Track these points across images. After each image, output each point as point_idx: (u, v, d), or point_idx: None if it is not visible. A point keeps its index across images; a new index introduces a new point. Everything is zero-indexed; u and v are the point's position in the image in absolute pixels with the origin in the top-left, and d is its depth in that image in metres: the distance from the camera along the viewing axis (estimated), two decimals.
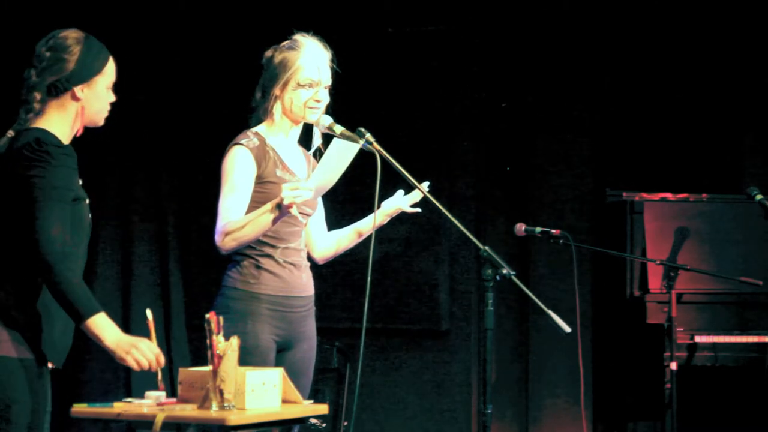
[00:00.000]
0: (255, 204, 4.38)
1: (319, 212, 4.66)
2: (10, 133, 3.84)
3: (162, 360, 3.77)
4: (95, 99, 3.86)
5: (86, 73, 3.83)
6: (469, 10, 7.12)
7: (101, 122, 3.93)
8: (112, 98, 3.93)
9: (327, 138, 4.51)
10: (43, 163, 3.68)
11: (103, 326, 3.68)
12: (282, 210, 4.22)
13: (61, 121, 3.84)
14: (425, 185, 4.43)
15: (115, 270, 7.24)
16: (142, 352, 3.72)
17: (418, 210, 4.59)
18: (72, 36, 3.86)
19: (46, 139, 3.73)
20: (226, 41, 7.10)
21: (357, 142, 4.28)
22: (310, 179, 4.27)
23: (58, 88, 3.81)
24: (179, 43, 7.26)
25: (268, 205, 4.27)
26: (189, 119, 7.30)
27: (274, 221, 4.27)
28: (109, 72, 3.90)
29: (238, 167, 4.39)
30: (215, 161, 4.50)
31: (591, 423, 6.88)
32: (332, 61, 4.53)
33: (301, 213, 4.35)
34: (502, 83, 7.17)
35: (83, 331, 3.69)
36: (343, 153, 4.23)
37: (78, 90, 3.83)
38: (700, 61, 7.06)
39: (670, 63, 7.09)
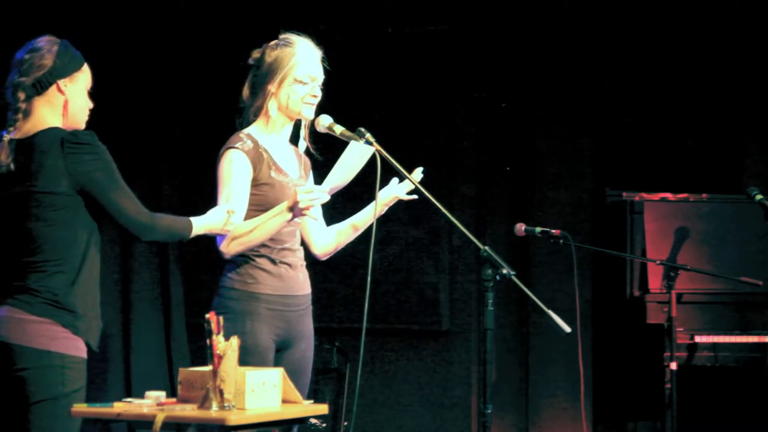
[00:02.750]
0: (250, 207, 4.40)
1: (317, 208, 4.66)
2: (7, 137, 3.95)
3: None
4: (77, 95, 4.06)
5: (67, 68, 4.03)
6: (468, 10, 7.12)
7: (82, 124, 4.10)
8: (91, 104, 4.12)
9: (324, 137, 4.52)
10: (92, 155, 3.93)
11: (201, 228, 4.15)
12: (295, 213, 4.25)
13: (53, 116, 4.02)
14: (418, 171, 4.44)
15: (116, 270, 7.24)
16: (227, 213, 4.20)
17: (415, 197, 4.58)
18: (47, 39, 4.07)
19: (73, 133, 3.96)
20: (226, 42, 7.10)
21: (357, 142, 4.29)
22: (324, 182, 4.28)
23: (43, 84, 4.00)
24: (179, 43, 7.26)
25: (279, 208, 4.29)
26: (189, 119, 7.30)
27: (286, 223, 4.30)
28: (87, 72, 4.11)
29: (235, 171, 4.39)
30: (215, 161, 4.50)
31: (591, 423, 6.87)
32: (323, 59, 4.55)
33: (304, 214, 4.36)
34: (502, 83, 7.17)
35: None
36: (357, 156, 4.25)
37: (62, 83, 4.02)
38: (701, 61, 7.06)
39: (671, 63, 7.09)
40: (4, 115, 4.05)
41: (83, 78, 4.08)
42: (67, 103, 4.03)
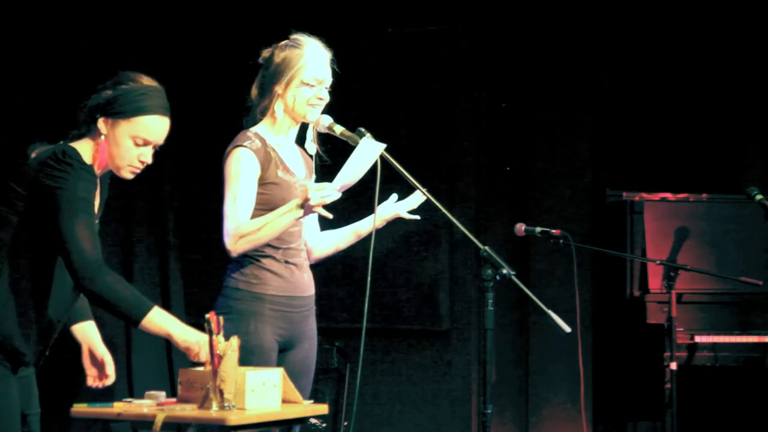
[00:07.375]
0: (256, 206, 4.39)
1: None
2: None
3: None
4: (114, 142, 3.85)
5: (114, 109, 3.83)
6: (468, 10, 7.12)
7: (121, 173, 3.90)
8: (137, 154, 3.87)
9: (325, 138, 4.52)
10: (66, 175, 3.69)
11: (163, 322, 3.72)
12: (306, 210, 4.24)
13: (89, 147, 3.84)
14: (420, 193, 4.43)
15: (116, 270, 7.22)
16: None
17: (417, 217, 4.58)
18: (135, 76, 3.90)
19: (70, 152, 3.74)
20: (226, 42, 7.10)
21: (357, 142, 4.28)
22: (335, 180, 4.27)
23: (92, 114, 3.84)
24: (179, 43, 7.26)
25: (289, 205, 4.28)
26: (189, 119, 7.29)
27: (295, 221, 4.29)
28: (138, 126, 3.84)
29: (243, 169, 4.38)
30: (215, 161, 4.50)
31: (591, 423, 6.88)
32: (332, 61, 4.54)
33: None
34: (502, 83, 7.17)
35: (142, 330, 3.69)
36: (368, 154, 4.23)
37: (101, 122, 3.83)
38: (701, 61, 7.06)
39: (671, 63, 7.09)
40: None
41: (128, 128, 3.83)
42: (101, 143, 3.83)
